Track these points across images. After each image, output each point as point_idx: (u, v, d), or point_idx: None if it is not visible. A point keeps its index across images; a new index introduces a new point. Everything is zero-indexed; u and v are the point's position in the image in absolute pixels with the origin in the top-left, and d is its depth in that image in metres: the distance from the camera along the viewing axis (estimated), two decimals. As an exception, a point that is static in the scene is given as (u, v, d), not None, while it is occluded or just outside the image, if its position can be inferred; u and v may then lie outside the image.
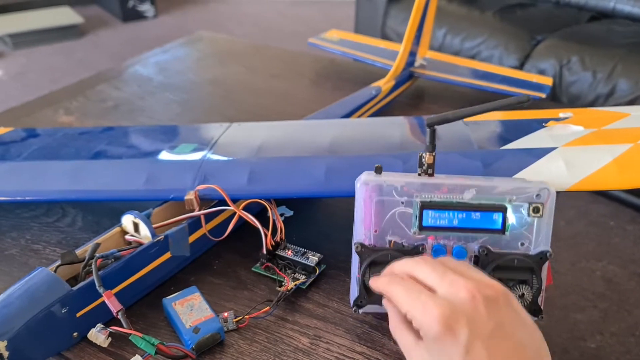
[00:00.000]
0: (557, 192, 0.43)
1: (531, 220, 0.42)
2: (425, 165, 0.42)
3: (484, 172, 0.49)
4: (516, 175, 0.48)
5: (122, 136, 0.64)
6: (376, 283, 0.39)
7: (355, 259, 0.43)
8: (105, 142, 0.62)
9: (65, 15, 2.96)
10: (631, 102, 1.40)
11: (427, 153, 0.42)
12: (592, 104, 1.46)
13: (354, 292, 0.44)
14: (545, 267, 0.43)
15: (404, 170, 0.50)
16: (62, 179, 0.54)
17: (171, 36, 1.27)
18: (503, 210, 0.42)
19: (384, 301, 0.40)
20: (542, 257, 0.42)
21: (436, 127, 0.42)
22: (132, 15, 3.17)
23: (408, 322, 0.37)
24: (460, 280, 0.34)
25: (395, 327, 0.38)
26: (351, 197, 0.44)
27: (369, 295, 0.43)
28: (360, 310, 0.44)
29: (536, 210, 0.42)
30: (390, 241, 0.42)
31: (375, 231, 0.42)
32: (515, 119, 0.61)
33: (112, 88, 0.92)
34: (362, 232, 0.42)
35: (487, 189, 0.42)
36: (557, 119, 0.57)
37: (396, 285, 0.36)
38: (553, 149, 0.50)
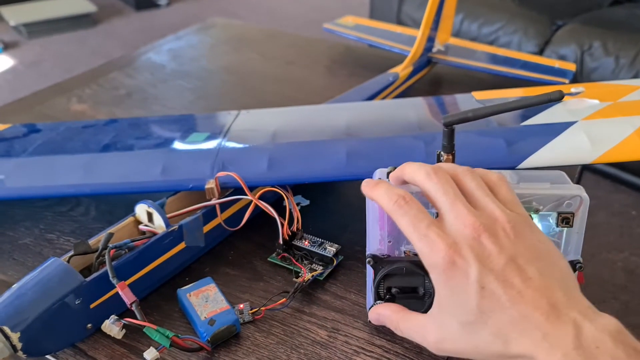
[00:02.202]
0: (583, 165, 0.41)
1: (560, 229, 0.39)
2: None
3: (508, 150, 0.48)
4: (543, 149, 0.46)
5: (130, 128, 0.63)
6: (381, 200, 0.35)
7: (369, 268, 0.41)
8: (112, 135, 0.60)
9: (79, 4, 2.97)
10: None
11: (445, 153, 0.40)
12: (614, 90, 1.43)
13: (370, 300, 0.42)
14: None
15: (426, 152, 0.49)
16: (75, 172, 0.53)
17: (185, 24, 1.26)
18: None
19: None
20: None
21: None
22: (145, 3, 3.17)
23: (406, 310, 0.37)
24: (465, 214, 0.32)
25: (400, 320, 0.37)
26: None
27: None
28: None
29: (565, 221, 0.38)
30: (405, 251, 0.40)
31: (390, 241, 0.39)
32: (529, 95, 0.61)
33: (125, 76, 0.91)
34: (375, 241, 0.40)
35: None
36: (570, 94, 0.56)
37: (403, 216, 0.34)
38: (573, 123, 0.50)
